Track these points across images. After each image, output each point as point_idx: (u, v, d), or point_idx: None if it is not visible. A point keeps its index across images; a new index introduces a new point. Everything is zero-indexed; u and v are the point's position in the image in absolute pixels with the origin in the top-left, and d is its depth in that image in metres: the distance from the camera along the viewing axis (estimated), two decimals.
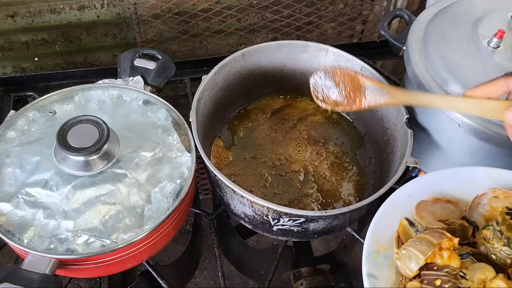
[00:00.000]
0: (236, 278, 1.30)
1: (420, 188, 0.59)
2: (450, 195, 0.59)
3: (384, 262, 0.54)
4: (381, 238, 0.55)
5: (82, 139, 0.60)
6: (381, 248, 0.55)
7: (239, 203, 0.66)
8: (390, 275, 0.53)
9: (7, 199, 0.59)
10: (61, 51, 1.04)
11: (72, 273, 0.63)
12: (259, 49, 0.80)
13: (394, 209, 0.58)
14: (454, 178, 0.60)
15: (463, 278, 0.49)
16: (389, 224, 0.56)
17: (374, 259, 0.54)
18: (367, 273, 0.53)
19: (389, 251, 0.54)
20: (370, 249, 0.54)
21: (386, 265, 0.54)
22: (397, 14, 0.82)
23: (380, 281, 0.52)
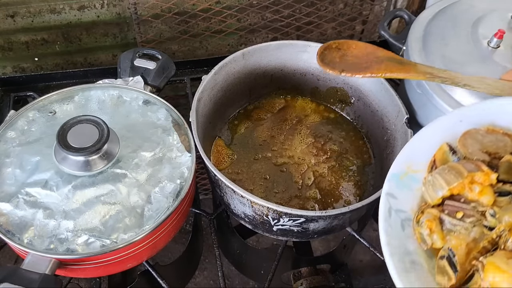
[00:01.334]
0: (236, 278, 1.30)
1: (477, 115, 0.52)
2: (509, 129, 0.51)
3: (409, 184, 0.50)
4: (414, 160, 0.51)
5: (82, 139, 0.60)
6: (410, 170, 0.51)
7: (239, 203, 0.66)
8: (411, 199, 0.49)
9: (7, 199, 0.59)
10: (61, 51, 1.03)
11: (72, 273, 0.63)
12: (259, 49, 0.80)
13: (439, 133, 0.52)
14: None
15: (492, 216, 0.45)
16: (428, 148, 0.52)
17: (400, 179, 0.50)
18: (387, 191, 0.49)
19: (419, 175, 0.50)
20: (398, 169, 0.51)
21: (411, 188, 0.50)
22: (397, 14, 0.82)
23: (398, 202, 0.49)
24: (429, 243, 0.46)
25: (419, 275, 0.45)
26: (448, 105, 0.65)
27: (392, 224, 0.48)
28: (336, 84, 0.85)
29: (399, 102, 0.73)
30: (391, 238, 0.47)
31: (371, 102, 0.80)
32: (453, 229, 0.46)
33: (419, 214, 0.48)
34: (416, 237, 0.47)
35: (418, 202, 0.49)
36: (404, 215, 0.48)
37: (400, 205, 0.49)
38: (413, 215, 0.48)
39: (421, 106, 0.72)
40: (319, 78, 0.85)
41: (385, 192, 0.50)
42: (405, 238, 0.47)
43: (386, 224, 0.48)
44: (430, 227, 0.46)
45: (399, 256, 0.46)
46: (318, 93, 0.88)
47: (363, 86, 0.81)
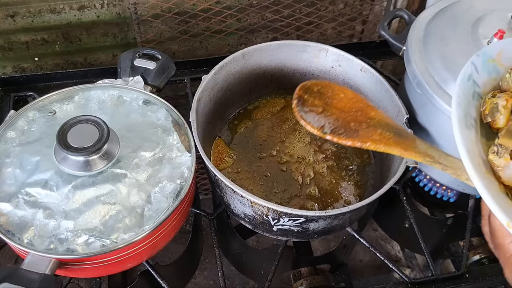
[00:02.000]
0: (236, 278, 1.30)
1: None
2: None
3: (491, 70, 0.52)
4: (506, 54, 0.54)
5: (82, 139, 0.60)
6: (498, 61, 0.53)
7: (239, 203, 0.66)
8: (487, 83, 0.52)
9: (7, 199, 0.59)
10: (61, 51, 1.03)
11: (72, 273, 0.63)
12: (259, 49, 0.80)
13: None
14: None
15: None
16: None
17: (486, 61, 0.52)
18: (472, 61, 0.51)
19: (501, 69, 0.53)
20: (489, 53, 0.53)
21: (490, 74, 0.52)
22: (397, 14, 0.82)
23: (478, 76, 0.51)
24: (497, 115, 0.49)
25: (473, 135, 0.48)
26: (448, 105, 0.65)
27: (467, 87, 0.50)
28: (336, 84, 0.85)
29: (399, 102, 0.73)
30: (462, 95, 0.49)
31: (371, 102, 0.80)
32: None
33: (496, 91, 0.50)
34: (484, 108, 0.50)
35: (491, 89, 0.52)
36: (478, 89, 0.51)
37: (477, 79, 0.51)
38: (484, 94, 0.51)
39: (421, 106, 0.72)
40: (319, 78, 0.85)
41: (471, 61, 0.51)
42: (471, 104, 0.50)
43: (463, 82, 0.50)
44: (507, 100, 0.49)
45: (464, 112, 0.48)
46: None
47: (363, 86, 0.81)
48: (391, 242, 1.40)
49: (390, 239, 1.35)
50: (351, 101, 0.56)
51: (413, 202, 0.90)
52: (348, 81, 0.83)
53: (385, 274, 1.32)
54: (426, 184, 0.82)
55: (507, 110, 0.49)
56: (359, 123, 0.55)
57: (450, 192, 0.81)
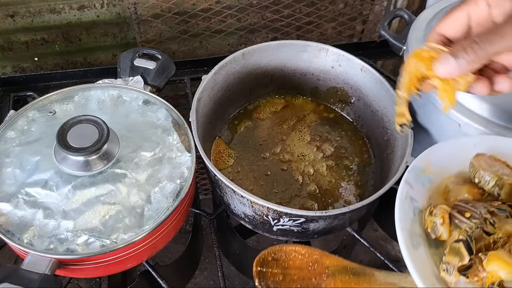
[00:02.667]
0: (236, 278, 1.30)
1: (488, 146, 0.61)
2: None
3: (424, 182, 0.58)
4: (432, 162, 0.59)
5: (82, 139, 0.60)
6: (428, 170, 0.59)
7: (239, 203, 0.66)
8: (424, 194, 0.57)
9: (7, 199, 0.59)
10: (61, 51, 1.03)
11: (72, 273, 0.63)
12: (259, 49, 0.80)
13: (456, 149, 0.61)
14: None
15: (491, 224, 0.52)
16: (445, 158, 0.60)
17: (418, 174, 0.58)
18: (406, 179, 0.56)
19: (433, 177, 0.58)
20: (418, 165, 0.58)
21: (424, 185, 0.57)
22: (397, 14, 0.82)
23: (413, 191, 0.56)
24: (439, 232, 0.53)
25: (423, 253, 0.52)
26: None
27: (406, 206, 0.54)
28: (336, 84, 0.85)
29: None
30: (404, 216, 0.53)
31: (371, 102, 0.80)
32: (460, 225, 0.52)
33: (432, 207, 0.54)
34: (426, 226, 0.54)
35: (428, 199, 0.57)
36: (417, 204, 0.55)
37: (414, 195, 0.56)
38: (423, 207, 0.55)
39: (421, 106, 0.72)
40: (319, 78, 0.85)
41: (405, 179, 0.57)
42: (414, 222, 0.54)
43: (401, 204, 0.54)
44: (443, 217, 0.53)
45: (409, 233, 0.52)
46: (318, 93, 0.88)
47: (363, 86, 0.81)
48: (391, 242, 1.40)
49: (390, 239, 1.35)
50: (304, 257, 0.58)
51: None
52: (348, 81, 0.83)
53: None
54: None
55: (445, 225, 0.53)
56: (319, 275, 0.57)
57: None
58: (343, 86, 0.84)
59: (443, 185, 0.59)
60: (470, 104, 0.64)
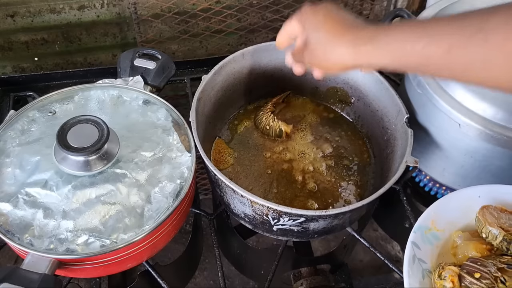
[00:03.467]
0: (236, 278, 1.30)
1: (493, 196, 0.62)
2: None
3: (432, 240, 0.58)
4: (437, 219, 0.59)
5: (82, 139, 0.60)
6: (434, 227, 0.58)
7: (239, 203, 0.66)
8: (432, 253, 0.56)
9: (7, 199, 0.59)
10: (61, 51, 1.03)
11: (72, 273, 0.63)
12: (259, 49, 0.80)
13: (460, 202, 0.61)
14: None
15: (502, 283, 0.51)
16: (449, 212, 0.60)
17: (424, 233, 0.58)
18: (412, 240, 0.56)
19: (440, 234, 0.58)
20: (424, 224, 0.58)
21: (432, 243, 0.57)
22: (397, 14, 0.82)
23: (421, 252, 0.56)
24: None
25: None
26: (448, 105, 0.65)
27: (414, 270, 0.54)
28: (336, 84, 0.85)
29: (399, 101, 0.73)
30: (413, 281, 0.53)
31: (371, 102, 0.80)
32: (470, 287, 0.52)
33: (440, 269, 0.54)
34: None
35: (437, 258, 0.57)
36: (425, 265, 0.55)
37: (422, 256, 0.56)
38: (432, 268, 0.55)
39: (421, 106, 0.72)
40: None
41: (411, 240, 0.56)
42: (424, 285, 0.54)
43: (410, 268, 0.54)
44: (453, 281, 0.52)
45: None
46: (318, 93, 0.88)
47: (363, 86, 0.81)
48: (391, 242, 1.40)
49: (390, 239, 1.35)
50: None
51: (413, 202, 0.90)
52: (348, 81, 0.83)
53: (385, 274, 1.32)
54: (426, 184, 0.82)
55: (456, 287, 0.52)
56: None
57: (450, 192, 0.81)
58: (343, 86, 0.84)
59: (451, 240, 0.58)
60: (470, 104, 0.64)
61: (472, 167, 0.70)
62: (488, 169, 0.70)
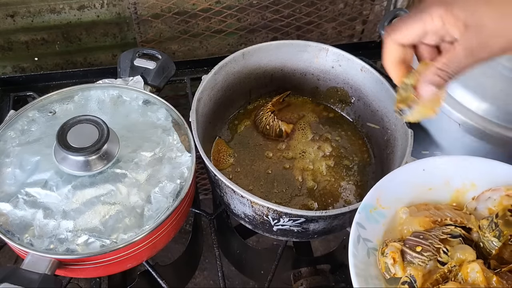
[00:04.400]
0: (236, 278, 1.30)
1: (435, 166, 0.60)
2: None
3: (377, 219, 0.57)
4: (382, 197, 0.58)
5: (82, 139, 0.60)
6: (379, 206, 0.57)
7: (239, 203, 0.66)
8: (378, 231, 0.56)
9: (7, 199, 0.59)
10: (61, 51, 1.03)
11: (72, 273, 0.63)
12: (259, 49, 0.80)
13: (405, 177, 0.60)
14: (474, 166, 0.60)
15: (445, 253, 0.51)
16: (394, 189, 0.59)
17: (369, 212, 0.56)
18: (357, 221, 0.55)
19: (386, 211, 0.57)
20: (369, 203, 0.57)
21: (378, 222, 0.56)
22: (397, 14, 0.82)
23: (366, 232, 0.55)
24: (392, 272, 0.52)
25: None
26: (448, 105, 0.65)
27: (359, 250, 0.54)
28: (337, 84, 0.85)
29: None
30: (357, 262, 0.53)
31: (371, 102, 0.80)
32: (412, 261, 0.52)
33: (384, 246, 0.54)
34: (380, 266, 0.53)
35: (383, 235, 0.56)
36: (371, 244, 0.55)
37: (367, 235, 0.55)
38: (378, 245, 0.55)
39: None
40: (319, 78, 0.85)
41: (356, 221, 0.55)
42: (369, 264, 0.53)
43: (354, 249, 0.53)
44: (393, 257, 0.52)
45: (364, 278, 0.51)
46: (318, 93, 0.88)
47: (363, 86, 0.81)
48: None
49: None
50: None
51: None
52: (348, 81, 0.83)
53: None
54: None
55: (398, 264, 0.52)
56: None
57: None
58: (343, 86, 0.84)
59: (397, 217, 0.58)
60: (470, 104, 0.64)
61: None
62: None
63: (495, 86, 0.63)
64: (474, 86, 0.64)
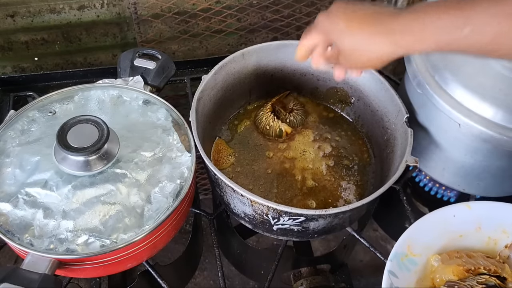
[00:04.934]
0: (236, 278, 1.30)
1: (467, 215, 0.60)
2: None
3: (409, 266, 0.56)
4: (413, 244, 0.57)
5: (82, 139, 0.60)
6: (410, 253, 0.57)
7: (239, 202, 0.66)
8: (410, 280, 0.55)
9: (7, 199, 0.59)
10: (61, 51, 1.03)
11: (72, 273, 0.63)
12: (259, 49, 0.80)
13: (435, 223, 0.59)
14: (505, 213, 0.60)
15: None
16: (425, 236, 0.58)
17: (400, 260, 0.56)
18: (389, 269, 0.55)
19: (417, 259, 0.56)
20: (400, 250, 0.57)
21: (410, 270, 0.56)
22: None
23: (398, 281, 0.54)
24: None
25: None
26: (448, 105, 0.65)
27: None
28: (336, 84, 0.85)
29: (399, 101, 0.73)
30: None
31: (371, 102, 0.80)
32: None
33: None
34: None
35: (415, 283, 0.55)
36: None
37: (399, 284, 0.54)
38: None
39: (421, 106, 0.72)
40: (319, 78, 0.85)
41: (387, 269, 0.55)
42: None
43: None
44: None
45: None
46: (318, 93, 0.88)
47: (363, 86, 0.81)
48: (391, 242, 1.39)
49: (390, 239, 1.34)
50: None
51: (413, 202, 0.90)
52: (348, 81, 0.83)
53: None
54: (426, 184, 0.82)
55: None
56: None
57: (450, 192, 0.81)
58: (343, 86, 0.84)
59: (428, 264, 0.57)
60: (470, 104, 0.64)
61: (472, 167, 0.70)
62: (488, 169, 0.70)
63: (495, 86, 0.63)
64: (474, 86, 0.64)
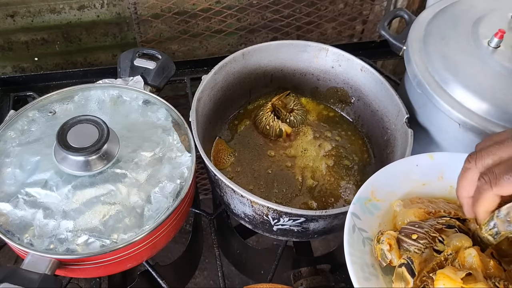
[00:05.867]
0: (236, 278, 1.30)
1: (429, 165, 0.61)
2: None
3: (372, 210, 0.57)
4: (377, 189, 0.59)
5: (82, 139, 0.60)
6: (374, 198, 0.58)
7: (239, 203, 0.66)
8: (373, 222, 0.56)
9: (7, 199, 0.59)
10: (61, 51, 1.03)
11: (72, 273, 0.63)
12: (259, 49, 0.80)
13: (399, 171, 0.61)
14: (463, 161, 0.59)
15: (440, 242, 0.52)
16: (388, 183, 0.60)
17: (364, 204, 0.57)
18: (352, 211, 0.56)
19: (380, 204, 0.58)
20: (363, 195, 0.58)
21: (373, 213, 0.57)
22: (397, 14, 0.82)
23: (361, 222, 0.55)
24: (388, 259, 0.52)
25: (375, 284, 0.51)
26: (448, 105, 0.65)
27: (354, 239, 0.54)
28: (336, 84, 0.85)
29: (399, 101, 0.73)
30: (353, 250, 0.53)
31: (371, 102, 0.80)
32: (408, 248, 0.52)
33: (379, 234, 0.54)
34: (376, 254, 0.53)
35: (378, 226, 0.56)
36: (366, 234, 0.55)
37: (362, 225, 0.55)
38: (373, 236, 0.55)
39: (421, 106, 0.72)
40: (319, 78, 0.85)
41: (350, 211, 0.56)
42: (365, 253, 0.53)
43: (350, 237, 0.53)
44: (389, 243, 0.52)
45: (360, 265, 0.52)
46: (318, 93, 0.88)
47: (363, 86, 0.81)
48: None
49: None
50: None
51: None
52: (348, 81, 0.83)
53: None
54: None
55: (393, 250, 0.52)
56: None
57: None
58: (343, 86, 0.84)
59: (391, 209, 0.58)
60: (470, 104, 0.64)
61: None
62: None
63: (495, 86, 0.63)
64: (474, 86, 0.64)
